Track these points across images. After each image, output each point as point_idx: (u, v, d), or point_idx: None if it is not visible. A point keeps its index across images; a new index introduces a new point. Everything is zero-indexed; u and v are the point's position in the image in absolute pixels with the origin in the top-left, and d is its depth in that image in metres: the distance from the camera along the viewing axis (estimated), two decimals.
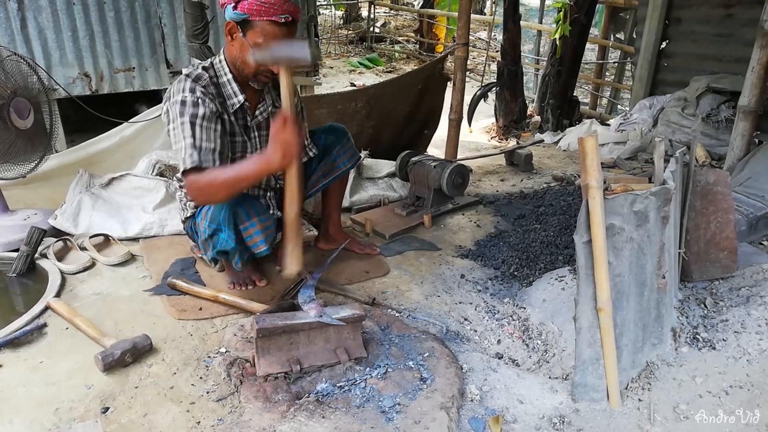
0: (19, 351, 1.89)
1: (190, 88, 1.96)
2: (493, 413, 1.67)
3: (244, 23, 1.93)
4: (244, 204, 2.02)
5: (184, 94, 1.94)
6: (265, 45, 1.90)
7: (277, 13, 1.89)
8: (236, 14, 1.91)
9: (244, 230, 2.03)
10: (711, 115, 4.22)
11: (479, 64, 11.17)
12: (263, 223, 2.04)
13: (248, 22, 1.92)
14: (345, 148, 2.45)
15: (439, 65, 4.08)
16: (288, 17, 1.91)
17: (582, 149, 1.57)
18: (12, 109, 2.59)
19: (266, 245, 2.06)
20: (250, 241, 2.05)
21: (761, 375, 1.77)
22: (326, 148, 2.43)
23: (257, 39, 1.92)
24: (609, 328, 1.67)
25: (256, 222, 2.02)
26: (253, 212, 2.03)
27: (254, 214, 2.02)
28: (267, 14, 1.89)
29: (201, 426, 1.59)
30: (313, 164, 2.46)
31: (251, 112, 2.17)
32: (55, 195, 3.10)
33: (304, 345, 1.79)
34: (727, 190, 2.23)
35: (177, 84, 2.00)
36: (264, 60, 1.89)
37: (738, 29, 4.45)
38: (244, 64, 2.00)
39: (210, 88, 2.02)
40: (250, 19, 1.90)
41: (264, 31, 1.91)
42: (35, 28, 4.11)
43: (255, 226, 2.02)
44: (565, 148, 4.89)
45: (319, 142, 2.42)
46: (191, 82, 1.98)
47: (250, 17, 1.90)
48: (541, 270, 2.53)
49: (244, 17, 1.91)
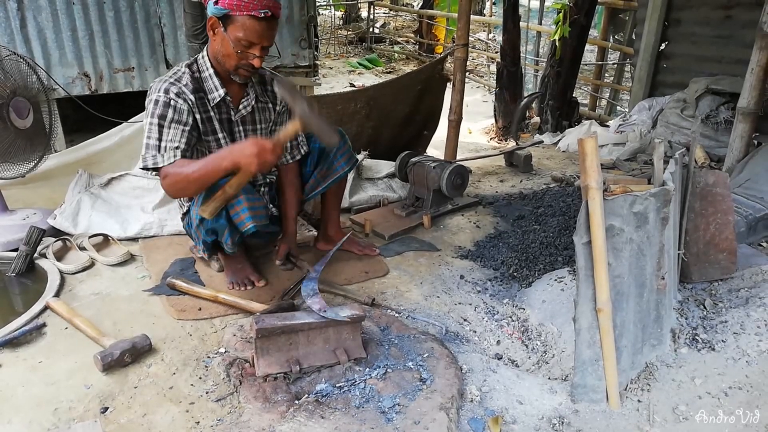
0: (18, 351, 1.88)
1: (165, 89, 2.02)
2: (493, 414, 1.67)
3: (225, 18, 1.97)
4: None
5: (159, 94, 2.02)
6: (245, 39, 1.96)
7: (256, 8, 1.92)
8: (217, 9, 1.95)
9: (231, 207, 2.05)
10: (710, 117, 4.22)
11: (479, 65, 11.19)
12: (251, 201, 2.06)
13: (229, 17, 1.95)
14: (342, 151, 2.45)
15: (438, 66, 4.08)
16: (268, 12, 1.94)
17: (582, 150, 1.57)
18: (11, 109, 2.59)
19: (252, 222, 2.05)
20: (237, 219, 2.06)
21: (760, 376, 1.77)
22: (323, 151, 2.44)
23: (238, 33, 1.96)
24: (608, 329, 1.67)
25: (243, 200, 2.04)
26: (241, 191, 2.04)
27: (241, 192, 2.03)
28: (247, 9, 1.92)
29: (200, 426, 1.59)
30: (310, 167, 2.46)
31: (234, 106, 2.20)
32: (55, 195, 3.10)
33: (303, 345, 1.79)
34: (726, 191, 2.23)
35: (156, 83, 2.06)
36: (302, 118, 1.92)
37: (737, 31, 4.46)
38: (226, 57, 2.04)
39: (190, 84, 2.07)
40: (231, 14, 1.94)
41: (244, 26, 1.95)
42: (35, 28, 4.11)
43: (241, 204, 2.04)
44: (565, 149, 4.89)
45: (315, 144, 2.43)
46: (168, 83, 2.04)
47: (230, 12, 1.94)
48: (540, 271, 2.53)
49: (224, 12, 1.95)
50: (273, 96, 2.31)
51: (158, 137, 2.00)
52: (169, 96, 2.01)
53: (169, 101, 2.01)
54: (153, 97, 2.02)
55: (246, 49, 1.99)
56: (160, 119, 2.00)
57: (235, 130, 2.23)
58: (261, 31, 1.96)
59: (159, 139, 2.00)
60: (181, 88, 2.05)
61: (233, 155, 1.83)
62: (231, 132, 2.23)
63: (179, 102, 2.02)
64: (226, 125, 2.20)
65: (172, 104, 2.01)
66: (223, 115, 2.18)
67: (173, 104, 2.02)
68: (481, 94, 9.56)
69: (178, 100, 2.02)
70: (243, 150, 1.82)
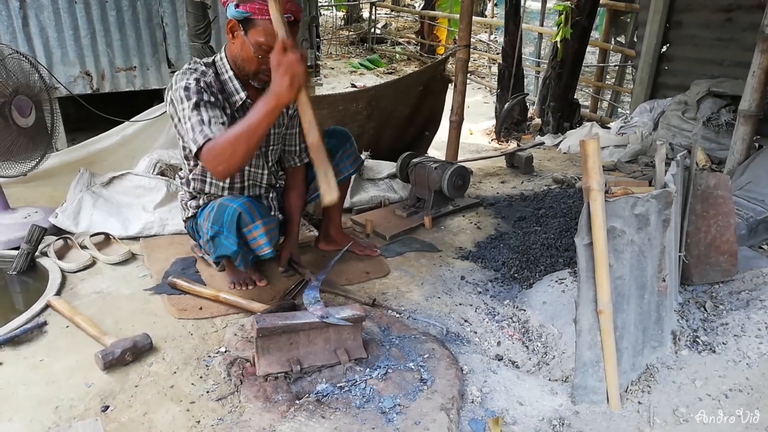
0: (20, 349, 1.89)
1: (195, 78, 1.96)
2: (493, 415, 1.67)
3: (245, 22, 1.93)
4: (247, 207, 2.01)
5: (188, 82, 1.94)
6: (267, 44, 1.90)
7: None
8: (238, 12, 1.91)
9: (248, 233, 2.03)
10: (711, 119, 4.23)
11: (480, 66, 11.19)
12: (267, 225, 2.04)
13: (250, 20, 1.92)
14: (348, 153, 2.44)
15: (440, 67, 4.08)
16: (290, 17, 1.91)
17: (583, 152, 1.58)
18: (14, 107, 2.60)
19: (270, 247, 2.06)
20: (254, 243, 2.05)
21: (761, 379, 1.77)
22: (329, 152, 2.41)
23: (259, 38, 1.92)
24: (609, 331, 1.67)
25: (260, 225, 2.01)
26: (257, 215, 2.02)
27: (258, 216, 2.02)
28: (269, 14, 1.88)
29: (201, 425, 1.59)
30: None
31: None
32: (56, 193, 3.11)
33: (304, 345, 1.79)
34: (727, 193, 2.23)
35: (180, 75, 1.99)
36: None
37: (738, 33, 4.46)
38: (245, 62, 2.00)
39: (214, 85, 2.02)
40: (252, 17, 1.91)
41: (267, 31, 1.90)
42: (37, 27, 4.12)
43: (259, 229, 2.02)
44: (566, 151, 4.89)
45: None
46: (196, 74, 1.98)
47: (252, 16, 1.90)
48: (541, 272, 2.53)
49: (246, 16, 1.91)
50: None
51: (201, 117, 1.88)
52: (200, 85, 1.94)
53: (200, 88, 1.93)
54: (182, 84, 1.94)
55: (266, 53, 1.88)
56: (198, 101, 1.90)
57: None
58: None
59: (202, 118, 1.87)
60: (209, 81, 1.99)
61: (279, 99, 1.71)
62: None
63: (209, 93, 1.96)
64: None
65: (204, 90, 1.94)
66: (239, 119, 2.14)
67: (205, 90, 1.95)
68: (483, 96, 9.56)
69: (208, 91, 1.96)
70: (279, 92, 1.70)
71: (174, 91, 1.97)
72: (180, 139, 2.12)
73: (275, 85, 1.71)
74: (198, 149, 1.84)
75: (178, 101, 1.93)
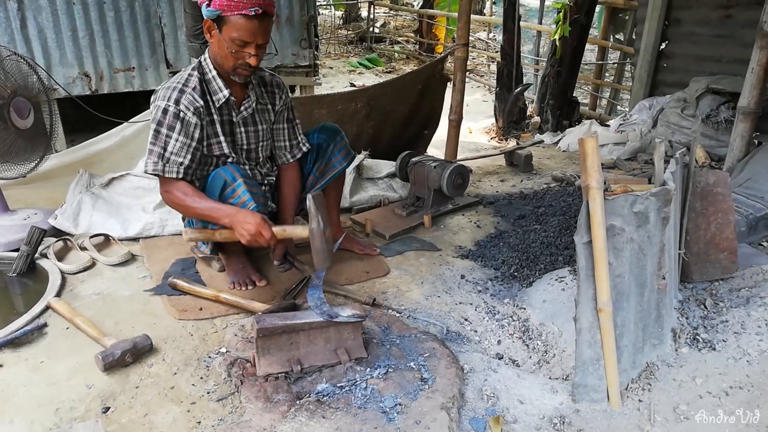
0: (20, 351, 1.89)
1: (176, 99, 2.04)
2: (494, 413, 1.67)
3: (218, 19, 1.98)
4: (228, 169, 2.11)
5: (168, 103, 2.03)
6: (239, 39, 1.97)
7: (246, 7, 1.92)
8: (210, 11, 1.96)
9: (232, 192, 2.08)
10: (710, 116, 4.22)
11: (479, 64, 11.19)
12: (249, 185, 2.10)
13: (222, 17, 1.96)
14: (339, 147, 2.47)
15: (439, 66, 4.08)
16: (258, 9, 1.94)
17: (582, 150, 1.58)
18: (12, 109, 2.60)
19: (254, 203, 2.08)
20: (238, 202, 2.08)
21: (761, 376, 1.77)
22: (320, 147, 2.47)
23: (232, 33, 1.97)
24: (609, 329, 1.67)
25: (242, 183, 2.07)
26: (238, 174, 2.09)
27: (240, 175, 2.09)
28: (237, 8, 1.93)
29: (201, 426, 1.59)
30: (309, 165, 2.48)
31: (236, 108, 2.21)
32: (55, 195, 3.10)
33: (304, 345, 1.79)
34: (726, 191, 2.23)
35: (164, 90, 2.07)
36: (312, 233, 1.93)
37: (737, 30, 4.46)
38: (224, 59, 2.05)
39: (198, 88, 2.09)
40: (223, 14, 1.95)
41: (237, 25, 1.95)
42: (35, 28, 4.12)
43: (241, 187, 2.07)
44: (565, 149, 4.89)
45: (312, 141, 2.46)
46: (177, 91, 2.05)
47: (222, 13, 1.95)
48: (541, 270, 2.53)
49: (217, 14, 1.96)
50: (273, 97, 2.32)
51: (163, 147, 2.03)
52: (179, 108, 2.03)
53: (178, 113, 2.03)
54: (162, 105, 2.03)
55: (241, 48, 1.99)
56: (168, 130, 2.03)
57: (237, 131, 2.24)
58: (254, 30, 1.96)
59: (164, 149, 2.04)
60: (191, 95, 2.06)
61: (234, 219, 1.94)
62: (232, 133, 2.23)
63: (188, 114, 2.04)
64: (227, 127, 2.21)
65: (181, 116, 2.03)
66: (225, 116, 2.19)
67: (182, 116, 2.03)
68: (482, 94, 9.57)
69: (187, 113, 2.04)
70: (245, 220, 1.93)
71: (155, 107, 2.06)
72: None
73: (242, 225, 1.93)
74: (146, 172, 2.06)
75: (153, 117, 2.05)
